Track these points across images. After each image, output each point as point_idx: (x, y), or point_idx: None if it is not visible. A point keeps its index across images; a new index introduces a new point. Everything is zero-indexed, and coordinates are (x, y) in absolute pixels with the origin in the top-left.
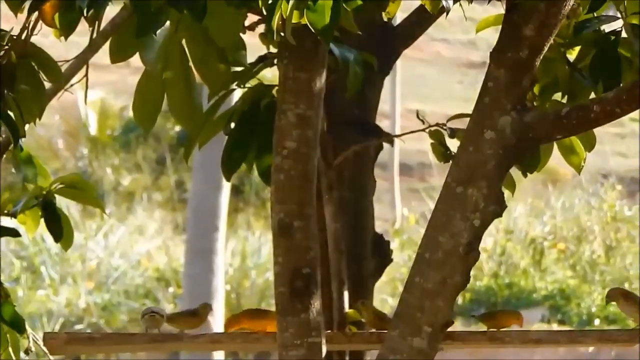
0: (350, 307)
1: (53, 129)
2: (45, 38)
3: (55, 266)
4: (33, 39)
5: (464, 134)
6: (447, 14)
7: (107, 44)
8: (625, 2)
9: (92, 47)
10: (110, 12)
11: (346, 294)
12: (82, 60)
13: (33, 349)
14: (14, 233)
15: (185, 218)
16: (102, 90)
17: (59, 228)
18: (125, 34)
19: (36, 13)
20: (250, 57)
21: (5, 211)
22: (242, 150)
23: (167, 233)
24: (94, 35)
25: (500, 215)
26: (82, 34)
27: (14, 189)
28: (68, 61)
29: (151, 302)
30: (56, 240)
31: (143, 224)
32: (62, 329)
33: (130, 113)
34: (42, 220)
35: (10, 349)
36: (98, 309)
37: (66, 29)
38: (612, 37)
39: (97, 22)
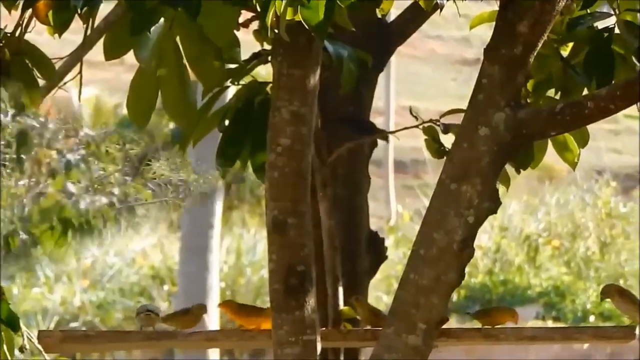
0: (345, 305)
1: None
2: (39, 35)
3: (50, 264)
4: (27, 37)
5: (458, 131)
6: (440, 11)
7: (101, 42)
8: None
9: (86, 45)
10: (104, 9)
11: (341, 291)
12: (76, 57)
13: (28, 346)
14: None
15: (180, 216)
16: (96, 88)
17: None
18: (120, 31)
19: (30, 10)
20: (244, 54)
21: None
22: (236, 147)
23: (162, 231)
24: (88, 32)
25: (495, 212)
26: (76, 32)
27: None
28: (62, 58)
29: (146, 300)
30: None
31: (138, 221)
32: (57, 327)
33: (125, 110)
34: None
35: (4, 347)
36: (93, 307)
37: (60, 27)
38: (606, 34)
39: (91, 20)
